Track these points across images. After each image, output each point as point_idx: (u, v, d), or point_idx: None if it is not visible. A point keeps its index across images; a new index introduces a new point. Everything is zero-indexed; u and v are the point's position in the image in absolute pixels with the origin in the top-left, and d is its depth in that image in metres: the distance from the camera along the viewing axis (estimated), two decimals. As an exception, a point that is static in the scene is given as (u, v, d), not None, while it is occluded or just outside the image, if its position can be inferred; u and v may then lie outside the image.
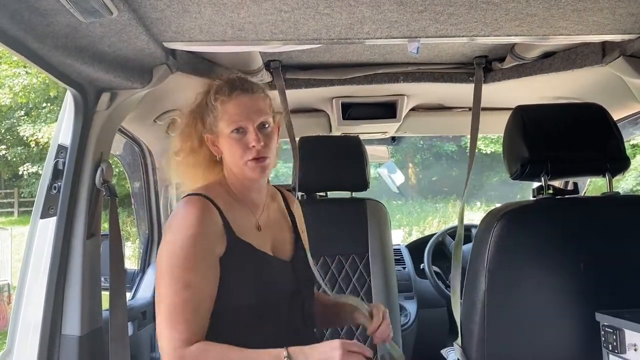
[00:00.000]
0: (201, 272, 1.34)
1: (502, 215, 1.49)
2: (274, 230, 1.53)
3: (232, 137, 1.40)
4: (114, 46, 1.34)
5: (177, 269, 1.32)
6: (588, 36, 1.49)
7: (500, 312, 1.47)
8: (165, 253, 1.35)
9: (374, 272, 2.21)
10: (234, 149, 1.41)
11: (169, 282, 1.32)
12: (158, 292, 1.34)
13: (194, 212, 1.35)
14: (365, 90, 2.12)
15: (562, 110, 1.68)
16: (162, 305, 1.31)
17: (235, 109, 1.40)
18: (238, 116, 1.40)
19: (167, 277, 1.32)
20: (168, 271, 1.32)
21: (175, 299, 1.29)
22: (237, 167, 1.43)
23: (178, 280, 1.31)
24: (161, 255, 1.36)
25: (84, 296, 1.49)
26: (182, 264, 1.32)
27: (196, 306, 1.31)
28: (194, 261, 1.33)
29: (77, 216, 1.51)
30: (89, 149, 1.52)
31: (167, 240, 1.38)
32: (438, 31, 1.42)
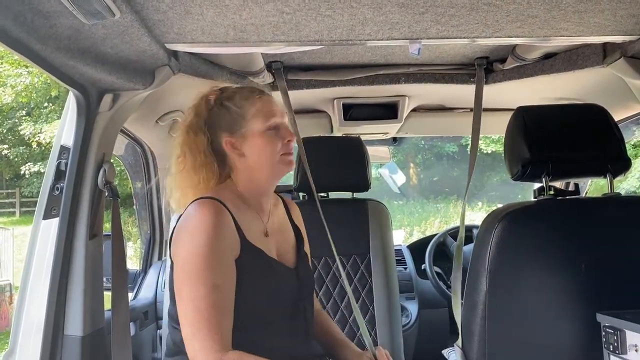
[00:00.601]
0: (226, 273, 1.33)
1: (504, 216, 1.49)
2: (279, 237, 1.54)
3: (268, 134, 1.43)
4: (117, 48, 1.34)
5: (202, 272, 1.29)
6: (589, 37, 1.50)
7: (501, 313, 1.47)
8: (186, 256, 1.33)
9: (376, 272, 2.21)
10: (270, 144, 1.43)
11: (194, 285, 1.29)
12: (181, 297, 1.31)
13: (209, 214, 1.34)
14: (367, 91, 2.12)
15: (563, 111, 1.69)
16: (189, 310, 1.29)
17: (270, 107, 1.44)
18: (273, 112, 1.44)
19: (192, 280, 1.30)
20: (192, 275, 1.30)
21: (204, 302, 1.27)
22: (269, 163, 1.44)
23: (205, 283, 1.29)
24: (181, 258, 1.34)
25: (86, 297, 1.50)
26: (206, 266, 1.30)
27: (225, 308, 1.30)
28: (218, 262, 1.32)
29: (79, 217, 1.51)
30: (91, 150, 1.53)
31: (184, 243, 1.35)
32: (439, 33, 1.42)
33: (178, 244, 1.38)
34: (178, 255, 1.36)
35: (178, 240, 1.38)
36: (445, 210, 16.22)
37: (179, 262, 1.35)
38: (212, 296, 1.28)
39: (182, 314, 1.31)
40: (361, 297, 2.19)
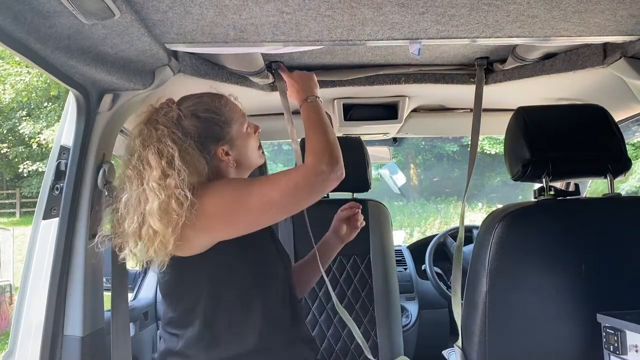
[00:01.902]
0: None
1: (503, 217, 1.49)
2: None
3: (248, 132, 1.52)
4: (116, 48, 1.34)
5: (243, 188, 1.34)
6: (589, 37, 1.49)
7: (501, 313, 1.47)
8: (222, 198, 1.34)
9: (376, 273, 2.21)
10: (251, 142, 1.52)
11: (253, 185, 1.34)
12: (255, 201, 1.32)
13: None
14: (367, 91, 2.12)
15: (564, 111, 1.68)
16: (271, 189, 1.34)
17: (235, 106, 1.51)
18: (241, 111, 1.52)
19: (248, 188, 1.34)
20: (245, 187, 1.35)
21: (266, 179, 1.38)
22: (253, 158, 1.53)
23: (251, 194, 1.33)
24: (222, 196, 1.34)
25: (86, 297, 1.50)
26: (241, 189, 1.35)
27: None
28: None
29: (79, 217, 1.51)
30: (91, 150, 1.53)
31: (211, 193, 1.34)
32: (439, 33, 1.42)
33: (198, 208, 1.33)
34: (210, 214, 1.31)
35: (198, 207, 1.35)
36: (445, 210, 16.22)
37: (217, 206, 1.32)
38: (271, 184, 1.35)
39: (265, 204, 1.33)
40: (361, 298, 2.19)
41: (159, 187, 1.31)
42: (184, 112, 1.42)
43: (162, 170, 1.32)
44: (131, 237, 1.34)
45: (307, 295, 2.18)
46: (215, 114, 1.44)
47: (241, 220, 1.35)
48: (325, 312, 2.18)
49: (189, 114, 1.43)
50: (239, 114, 1.50)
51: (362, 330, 2.14)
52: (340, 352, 2.16)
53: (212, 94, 1.49)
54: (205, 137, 1.42)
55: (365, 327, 2.16)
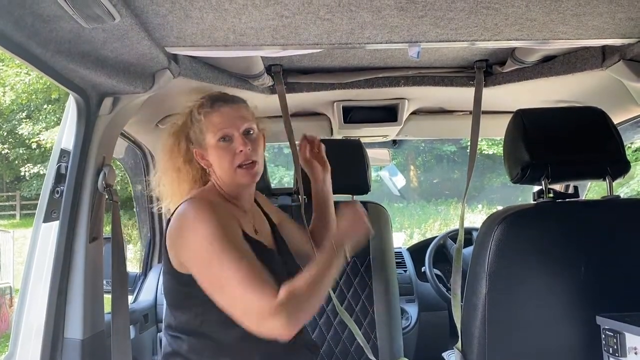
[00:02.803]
0: (244, 247, 1.35)
1: (503, 219, 1.49)
2: (265, 234, 1.59)
3: (220, 146, 1.47)
4: (117, 51, 1.34)
5: (223, 250, 1.30)
6: (588, 40, 1.50)
7: (500, 315, 1.48)
8: (201, 247, 1.32)
9: (376, 275, 2.21)
10: (222, 157, 1.46)
11: (223, 262, 1.29)
12: (213, 279, 1.31)
13: (205, 206, 1.37)
14: (366, 94, 2.13)
15: (563, 114, 1.69)
16: (229, 281, 1.29)
17: (219, 118, 1.47)
18: (222, 124, 1.47)
19: (219, 259, 1.30)
20: (216, 255, 1.30)
21: (241, 268, 1.28)
22: (228, 175, 1.48)
23: (232, 254, 1.29)
24: (197, 250, 1.34)
25: (86, 300, 1.50)
26: (226, 242, 1.31)
27: (260, 270, 1.30)
28: (233, 239, 1.33)
29: (79, 220, 1.52)
30: (91, 153, 1.53)
31: (189, 238, 1.35)
32: (438, 36, 1.43)
33: (181, 243, 1.37)
34: (188, 252, 1.36)
35: (179, 238, 1.38)
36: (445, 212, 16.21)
37: (192, 256, 1.35)
38: (245, 261, 1.29)
39: (216, 289, 1.31)
40: (361, 300, 2.19)
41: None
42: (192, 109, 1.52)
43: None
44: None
45: (307, 298, 2.18)
46: (195, 119, 1.50)
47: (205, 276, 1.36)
48: (325, 315, 2.18)
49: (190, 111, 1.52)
50: (214, 125, 1.47)
51: (362, 332, 2.14)
52: (341, 355, 2.16)
53: (214, 98, 1.52)
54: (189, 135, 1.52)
55: (365, 329, 2.16)
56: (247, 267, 1.29)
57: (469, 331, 1.54)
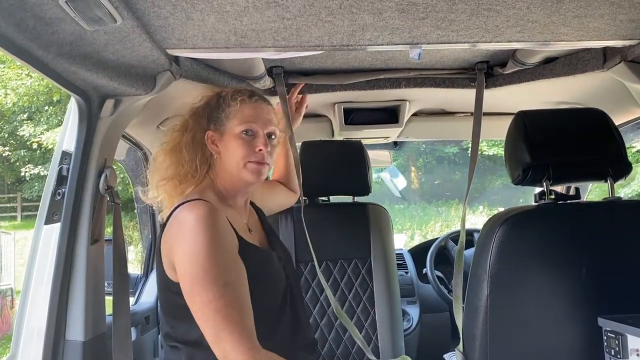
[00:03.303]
0: (235, 268, 1.31)
1: (504, 221, 1.49)
2: (256, 229, 1.60)
3: (241, 137, 1.48)
4: (118, 53, 1.35)
5: (210, 272, 1.27)
6: (589, 42, 1.50)
7: (502, 317, 1.48)
8: (188, 261, 1.30)
9: (377, 276, 2.21)
10: (240, 148, 1.47)
11: (205, 287, 1.26)
12: (194, 303, 1.28)
13: (205, 215, 1.33)
14: (368, 95, 2.13)
15: (564, 115, 1.69)
16: (206, 314, 1.26)
17: (252, 112, 1.50)
18: (253, 118, 1.49)
19: (201, 283, 1.26)
20: (200, 277, 1.27)
21: (220, 303, 1.25)
22: (236, 167, 1.48)
23: (216, 282, 1.26)
24: (183, 264, 1.31)
25: (87, 301, 1.50)
26: (213, 264, 1.27)
27: (243, 305, 1.28)
28: (224, 259, 1.30)
29: (81, 222, 1.51)
30: (93, 155, 1.53)
31: (183, 249, 1.32)
32: (440, 38, 1.43)
33: (175, 251, 1.35)
34: (179, 263, 1.33)
35: (174, 247, 1.35)
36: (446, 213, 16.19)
37: (181, 268, 1.32)
38: (227, 295, 1.26)
39: (200, 319, 1.28)
40: (362, 301, 2.19)
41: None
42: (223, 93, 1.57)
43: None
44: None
45: (308, 299, 2.18)
46: (224, 103, 1.52)
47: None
48: (327, 317, 2.18)
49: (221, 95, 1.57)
50: (243, 116, 1.49)
51: (364, 334, 2.14)
52: (342, 356, 2.16)
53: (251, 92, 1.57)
54: (210, 117, 1.54)
55: (366, 330, 2.16)
56: (226, 306, 1.25)
57: (470, 333, 1.54)
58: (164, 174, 1.55)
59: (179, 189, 1.53)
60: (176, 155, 1.54)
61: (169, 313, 1.46)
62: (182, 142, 1.54)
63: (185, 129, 1.56)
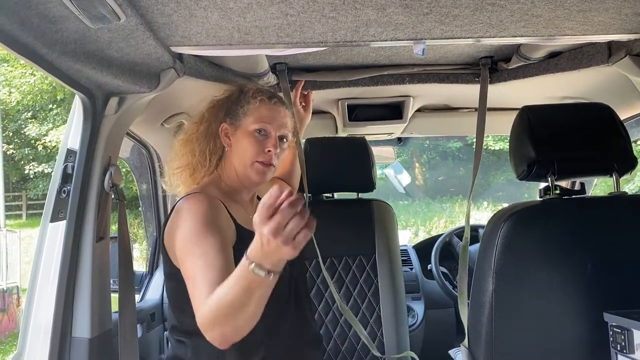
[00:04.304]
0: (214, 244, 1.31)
1: (509, 216, 1.49)
2: None
3: (254, 135, 1.51)
4: (122, 51, 1.35)
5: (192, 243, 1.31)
6: (594, 36, 1.49)
7: (507, 313, 1.47)
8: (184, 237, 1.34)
9: (381, 273, 2.21)
10: (251, 146, 1.50)
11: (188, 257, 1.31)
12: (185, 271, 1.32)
13: (201, 203, 1.38)
14: (371, 91, 2.12)
15: (569, 110, 1.68)
16: (188, 279, 1.30)
17: (268, 112, 1.53)
18: (268, 119, 1.52)
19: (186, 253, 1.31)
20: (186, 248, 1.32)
21: (195, 270, 1.27)
22: (243, 165, 1.51)
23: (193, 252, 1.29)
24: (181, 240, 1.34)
25: (93, 299, 1.50)
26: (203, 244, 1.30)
27: (218, 268, 1.26)
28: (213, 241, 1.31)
29: (86, 220, 1.52)
30: (97, 153, 1.54)
31: (180, 229, 1.36)
32: (443, 33, 1.42)
33: (174, 235, 1.38)
34: (177, 243, 1.37)
35: (172, 232, 1.40)
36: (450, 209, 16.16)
37: (178, 246, 1.35)
38: (204, 256, 1.27)
39: (185, 275, 1.31)
40: (367, 298, 2.19)
41: None
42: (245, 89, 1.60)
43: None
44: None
45: (313, 296, 2.18)
46: (244, 99, 1.55)
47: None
48: (332, 313, 2.18)
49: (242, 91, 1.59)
50: (259, 115, 1.52)
51: (369, 330, 2.14)
52: (347, 352, 2.17)
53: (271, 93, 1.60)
54: (229, 109, 1.57)
55: (371, 327, 2.16)
56: (200, 271, 1.25)
57: (475, 329, 1.54)
58: (178, 163, 1.61)
59: (191, 179, 1.59)
60: (190, 145, 1.59)
61: (175, 304, 1.48)
62: (197, 132, 1.59)
63: (202, 119, 1.60)
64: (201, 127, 1.59)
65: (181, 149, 1.60)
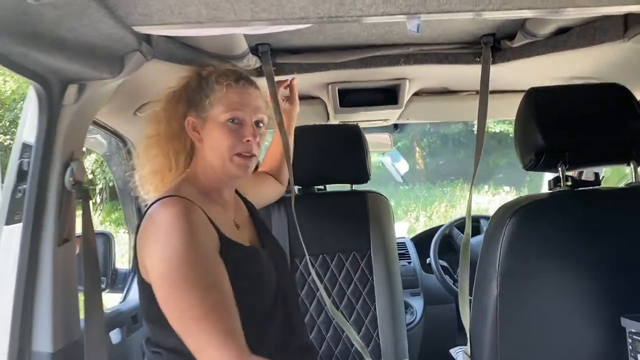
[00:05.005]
0: (216, 270, 1.20)
1: (515, 212, 1.34)
2: (246, 225, 1.47)
3: (227, 126, 1.34)
4: (76, 32, 1.19)
5: (189, 275, 1.15)
6: (608, 8, 1.32)
7: (514, 319, 1.33)
8: (164, 264, 1.18)
9: (377, 269, 2.07)
10: (226, 139, 1.33)
11: (185, 292, 1.15)
12: (172, 312, 1.17)
13: (180, 213, 1.21)
14: (364, 74, 1.96)
15: (580, 92, 1.52)
16: (187, 321, 1.15)
17: (239, 97, 1.35)
18: (240, 105, 1.35)
19: (180, 288, 1.15)
20: (178, 282, 1.15)
21: (202, 308, 1.13)
22: (220, 159, 1.34)
23: (197, 285, 1.15)
24: (158, 269, 1.19)
25: (56, 308, 1.37)
26: (192, 267, 1.16)
27: (228, 307, 1.16)
28: (204, 260, 1.18)
29: (45, 221, 1.38)
30: (56, 147, 1.38)
31: (158, 251, 1.20)
32: (440, 6, 1.26)
33: (149, 254, 1.23)
34: (153, 267, 1.21)
35: (147, 249, 1.24)
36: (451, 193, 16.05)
37: (156, 274, 1.20)
38: (209, 299, 1.14)
39: (180, 328, 1.17)
40: (362, 297, 2.05)
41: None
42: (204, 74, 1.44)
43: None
44: None
45: (304, 295, 2.05)
46: (207, 86, 1.38)
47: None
48: (324, 314, 2.04)
49: (201, 72, 1.44)
50: (228, 102, 1.36)
51: (364, 332, 2.01)
52: (341, 356, 2.03)
53: (235, 73, 1.42)
54: (190, 100, 1.40)
55: (366, 328, 2.02)
56: (210, 310, 1.14)
57: (478, 335, 1.40)
58: (145, 171, 1.45)
59: (162, 184, 1.42)
60: (153, 149, 1.43)
61: (147, 317, 1.35)
62: (158, 134, 1.43)
63: (159, 119, 1.44)
64: (161, 127, 1.42)
65: (144, 155, 1.45)
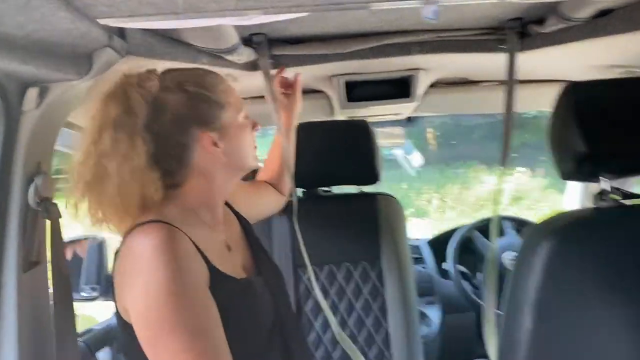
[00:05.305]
0: (207, 309, 1.04)
1: (552, 232, 1.13)
2: (238, 245, 1.32)
3: (246, 124, 1.27)
4: (27, 27, 0.99)
5: (179, 317, 1.00)
6: None
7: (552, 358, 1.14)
8: (149, 303, 1.01)
9: (389, 280, 1.89)
10: (247, 136, 1.26)
11: (173, 336, 1.00)
12: (157, 354, 1.01)
13: (162, 242, 1.03)
14: (372, 65, 1.75)
15: (628, 87, 1.31)
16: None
17: (233, 90, 1.26)
18: (241, 101, 1.28)
19: (168, 331, 1.00)
20: (167, 325, 1.00)
21: (192, 355, 0.98)
22: (244, 160, 1.26)
23: (184, 329, 1.00)
24: (141, 310, 1.02)
25: (21, 342, 1.20)
26: (181, 308, 1.00)
27: (220, 353, 1.02)
28: (193, 299, 1.03)
29: (6, 244, 1.21)
30: (17, 160, 1.20)
31: (140, 290, 1.03)
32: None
33: (129, 292, 1.05)
34: (134, 307, 1.04)
35: (126, 286, 1.06)
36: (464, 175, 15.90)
37: (138, 315, 1.03)
38: (199, 343, 0.99)
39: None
40: (373, 313, 1.87)
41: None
42: (167, 83, 1.17)
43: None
44: None
45: (309, 311, 1.87)
46: (206, 90, 1.18)
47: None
48: (330, 331, 1.86)
49: (173, 85, 1.16)
50: (236, 99, 1.24)
51: (376, 352, 1.82)
52: None
53: (206, 70, 1.26)
54: (189, 116, 1.16)
55: (378, 348, 1.84)
56: (200, 354, 0.98)
57: None
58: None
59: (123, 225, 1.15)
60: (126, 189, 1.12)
61: (128, 354, 1.18)
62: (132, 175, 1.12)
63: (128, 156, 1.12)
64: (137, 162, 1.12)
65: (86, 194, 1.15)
